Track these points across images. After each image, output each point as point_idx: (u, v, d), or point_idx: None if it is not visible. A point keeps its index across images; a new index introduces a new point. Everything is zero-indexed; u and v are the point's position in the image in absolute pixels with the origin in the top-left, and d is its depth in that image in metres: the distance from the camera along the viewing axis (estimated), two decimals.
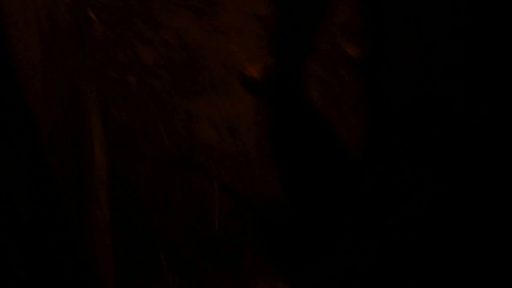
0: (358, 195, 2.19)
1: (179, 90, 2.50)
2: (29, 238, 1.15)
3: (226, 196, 2.20)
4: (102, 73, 2.52)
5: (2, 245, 1.13)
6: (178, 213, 2.11)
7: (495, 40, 1.49)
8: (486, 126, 1.56)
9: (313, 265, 2.02)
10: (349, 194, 2.21)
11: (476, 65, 1.54)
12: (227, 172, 2.26)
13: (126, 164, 2.24)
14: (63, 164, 1.27)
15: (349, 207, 2.15)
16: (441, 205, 1.73)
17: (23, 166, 1.07)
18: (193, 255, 2.04)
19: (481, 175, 1.60)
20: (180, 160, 2.28)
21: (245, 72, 2.53)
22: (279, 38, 2.31)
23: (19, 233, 1.13)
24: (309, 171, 2.29)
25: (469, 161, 1.62)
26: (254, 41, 2.72)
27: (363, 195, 2.18)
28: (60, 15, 1.35)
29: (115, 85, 2.49)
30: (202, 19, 2.81)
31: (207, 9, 2.86)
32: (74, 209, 1.30)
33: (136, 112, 2.41)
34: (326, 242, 2.08)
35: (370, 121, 2.45)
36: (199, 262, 2.04)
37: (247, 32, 2.76)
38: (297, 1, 2.16)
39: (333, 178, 2.27)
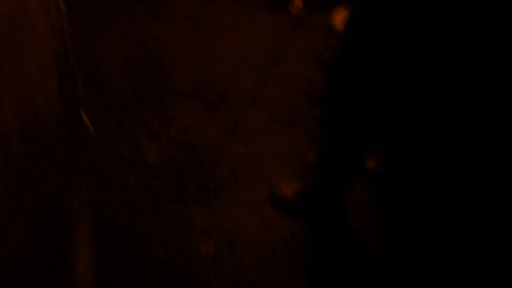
0: None
1: (180, 194, 2.33)
2: None
3: None
4: (102, 170, 2.36)
5: None
6: None
7: None
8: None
9: None
10: None
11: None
12: None
13: (116, 272, 2.06)
14: None
15: None
16: None
17: None
18: None
19: None
20: (174, 273, 2.09)
21: (274, 188, 2.30)
22: (324, 157, 2.13)
23: None
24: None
25: None
26: (283, 150, 2.52)
27: None
28: (43, 126, 1.21)
29: (113, 184, 2.34)
30: (216, 116, 2.64)
31: (222, 106, 2.69)
32: None
33: (133, 216, 2.24)
34: None
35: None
36: None
37: (273, 137, 2.56)
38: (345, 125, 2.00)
39: None
